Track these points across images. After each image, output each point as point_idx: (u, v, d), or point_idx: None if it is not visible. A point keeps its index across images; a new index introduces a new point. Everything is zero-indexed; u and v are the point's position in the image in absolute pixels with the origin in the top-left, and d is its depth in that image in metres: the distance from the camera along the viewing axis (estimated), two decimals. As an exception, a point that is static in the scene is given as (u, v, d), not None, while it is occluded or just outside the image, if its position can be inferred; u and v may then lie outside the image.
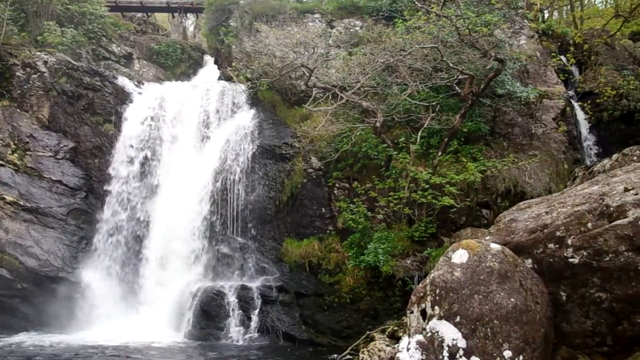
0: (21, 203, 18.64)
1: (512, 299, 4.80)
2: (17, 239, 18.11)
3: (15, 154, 19.38)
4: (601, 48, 20.38)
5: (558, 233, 5.53)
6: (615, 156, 12.58)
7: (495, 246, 5.26)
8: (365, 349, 12.60)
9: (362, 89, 18.02)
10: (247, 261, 18.61)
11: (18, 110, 20.33)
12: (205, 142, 20.70)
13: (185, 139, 20.81)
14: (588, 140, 18.82)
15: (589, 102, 18.94)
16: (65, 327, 17.34)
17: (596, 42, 19.71)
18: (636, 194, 5.32)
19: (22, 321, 17.60)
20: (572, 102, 19.44)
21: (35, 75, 20.76)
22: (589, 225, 5.43)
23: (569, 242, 5.45)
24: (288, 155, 19.35)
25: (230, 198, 19.23)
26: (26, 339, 16.35)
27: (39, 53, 21.41)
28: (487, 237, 6.09)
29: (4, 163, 19.00)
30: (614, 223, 5.26)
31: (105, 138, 20.58)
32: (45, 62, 21.01)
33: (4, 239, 17.94)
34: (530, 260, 5.64)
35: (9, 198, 18.52)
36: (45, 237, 18.54)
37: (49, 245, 18.44)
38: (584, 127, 18.98)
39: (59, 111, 20.61)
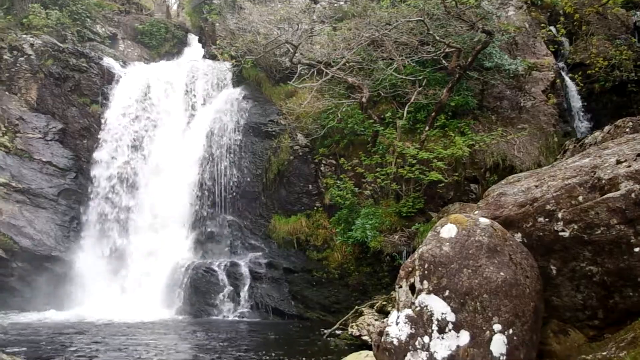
0: (13, 184, 18.73)
1: (501, 273, 4.77)
2: (10, 219, 18.25)
3: (6, 137, 19.42)
4: (592, 17, 19.93)
5: (548, 207, 5.50)
6: (607, 128, 12.48)
7: (484, 220, 5.23)
8: (354, 324, 12.68)
9: (347, 64, 17.88)
10: (236, 238, 18.66)
11: (7, 93, 20.32)
12: (191, 121, 20.65)
13: (171, 118, 20.72)
14: (579, 112, 18.67)
15: (579, 73, 18.63)
16: (59, 304, 17.45)
17: (587, 12, 19.29)
18: (629, 167, 5.30)
19: (19, 299, 17.75)
20: (563, 73, 19.23)
21: (22, 58, 20.73)
22: (580, 198, 5.40)
23: (559, 215, 5.42)
24: (274, 133, 19.26)
25: (217, 176, 19.23)
26: (23, 316, 16.47)
27: (25, 36, 21.34)
28: (476, 212, 6.05)
29: (-6, 145, 18.97)
30: (606, 196, 5.23)
31: (93, 119, 20.61)
32: (32, 45, 20.98)
33: (-2, 220, 18.03)
34: (519, 234, 5.61)
35: (1, 180, 18.62)
36: (37, 217, 18.73)
37: (42, 225, 18.65)
38: (575, 99, 18.77)
39: (47, 93, 20.61)
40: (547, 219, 5.47)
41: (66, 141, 20.31)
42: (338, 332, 13.30)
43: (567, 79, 19.14)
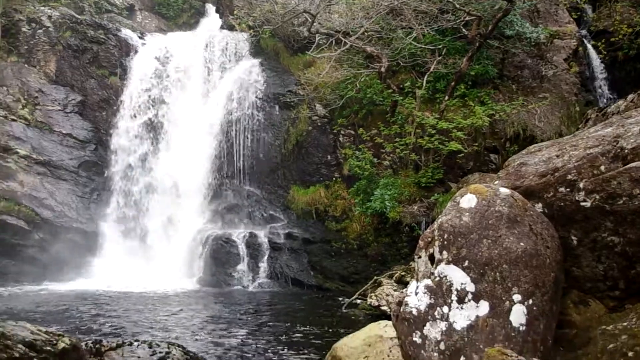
0: (34, 157, 18.89)
1: (521, 243, 4.73)
2: (32, 191, 18.45)
3: (26, 109, 19.50)
4: (617, -17, 19.54)
5: (569, 176, 5.42)
6: (630, 97, 12.22)
7: (504, 190, 5.17)
8: (373, 294, 12.74)
9: (366, 33, 17.71)
10: (255, 209, 18.74)
11: (26, 65, 20.34)
12: (209, 92, 20.61)
13: (190, 89, 20.70)
14: (601, 81, 18.31)
15: (602, 41, 18.15)
16: (81, 275, 17.63)
17: (612, -23, 18.87)
18: (652, 135, 5.20)
19: (41, 270, 17.88)
20: (585, 41, 18.81)
21: (40, 30, 20.70)
22: (602, 168, 5.31)
23: (581, 185, 5.34)
24: (292, 103, 19.21)
25: (236, 147, 19.26)
26: (45, 286, 16.69)
27: (42, 8, 21.29)
28: (496, 182, 5.98)
29: (15, 118, 19.13)
30: (629, 166, 5.13)
31: (112, 91, 20.62)
32: (50, 17, 20.91)
33: (20, 192, 18.23)
34: (540, 205, 5.54)
35: (22, 152, 18.73)
36: (58, 189, 18.90)
37: (63, 197, 18.82)
38: (598, 67, 18.40)
39: (65, 65, 20.61)
40: (568, 189, 5.39)
41: (85, 113, 20.36)
42: (357, 302, 13.37)
43: (589, 46, 18.75)
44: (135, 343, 7.27)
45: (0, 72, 19.68)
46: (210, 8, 28.40)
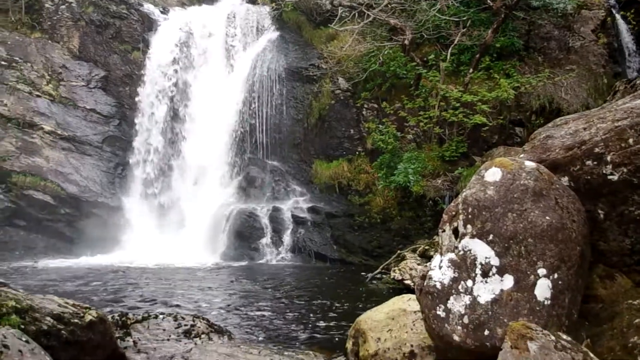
0: (59, 132, 19.13)
1: (547, 217, 4.67)
2: (57, 166, 18.72)
3: (50, 85, 19.69)
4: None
5: (597, 149, 5.34)
6: (660, 68, 11.95)
7: (529, 164, 5.10)
8: (396, 268, 12.73)
9: (389, 5, 17.52)
10: (278, 183, 18.77)
11: (49, 41, 20.49)
12: (231, 66, 20.58)
13: (212, 63, 20.68)
14: (630, 52, 17.89)
15: (632, 11, 17.72)
16: (107, 250, 17.85)
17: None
18: (682, 107, 5.09)
19: (67, 244, 18.25)
20: (614, 11, 18.39)
21: (63, 6, 20.80)
22: (630, 141, 5.21)
23: (608, 158, 5.25)
24: (315, 77, 19.12)
25: (258, 122, 19.24)
26: (71, 260, 16.92)
27: (65, -17, 21.30)
28: (521, 155, 5.91)
29: (40, 94, 19.33)
30: (657, 138, 5.04)
31: (135, 66, 20.72)
32: (72, -8, 20.96)
33: (45, 167, 18.51)
34: (566, 178, 5.47)
35: (47, 128, 18.96)
36: (83, 164, 19.17)
37: (88, 172, 19.10)
38: (626, 38, 18.01)
39: (89, 41, 20.74)
40: (595, 162, 5.31)
41: (109, 88, 20.51)
42: (380, 276, 13.39)
43: (618, 17, 18.34)
44: (161, 316, 7.36)
45: (25, 49, 19.82)
46: (232, -19, 28.24)
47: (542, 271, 4.57)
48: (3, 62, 19.22)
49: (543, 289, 4.53)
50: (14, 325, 4.11)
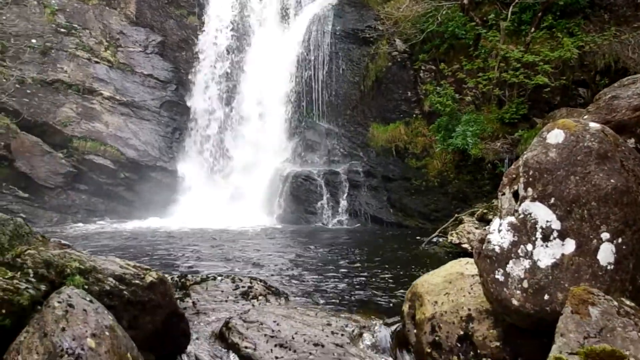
0: (117, 98, 19.46)
1: (611, 180, 4.51)
2: (116, 131, 19.11)
3: (108, 51, 19.98)
4: None
5: (666, 109, 5.11)
6: None
7: (594, 125, 4.91)
8: (453, 232, 12.61)
9: (448, -37, 17.07)
10: (334, 147, 18.76)
11: (107, 8, 20.72)
12: (286, 28, 20.48)
13: (268, 25, 20.63)
14: None
15: None
16: (165, 213, 18.28)
17: None
18: None
19: (127, 207, 18.74)
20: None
21: (120, -28, 20.94)
22: (702, 99, 4.98)
23: (678, 118, 5.04)
24: (371, 39, 18.88)
25: (314, 84, 19.17)
26: (131, 223, 17.48)
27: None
28: (585, 117, 5.72)
29: (98, 60, 19.67)
30: None
31: (191, 30, 20.84)
32: (128, -43, 21.11)
33: (105, 132, 18.93)
34: (633, 140, 5.28)
35: (106, 93, 19.33)
36: (142, 129, 19.49)
37: (146, 137, 19.43)
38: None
39: (145, 6, 20.91)
40: (664, 123, 5.10)
41: (165, 54, 20.71)
42: (437, 240, 13.31)
43: (692, -30, 17.40)
44: (219, 278, 7.50)
45: (83, 15, 20.13)
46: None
47: (605, 235, 4.44)
48: (62, 30, 19.56)
49: (606, 254, 4.41)
50: (78, 286, 4.25)
